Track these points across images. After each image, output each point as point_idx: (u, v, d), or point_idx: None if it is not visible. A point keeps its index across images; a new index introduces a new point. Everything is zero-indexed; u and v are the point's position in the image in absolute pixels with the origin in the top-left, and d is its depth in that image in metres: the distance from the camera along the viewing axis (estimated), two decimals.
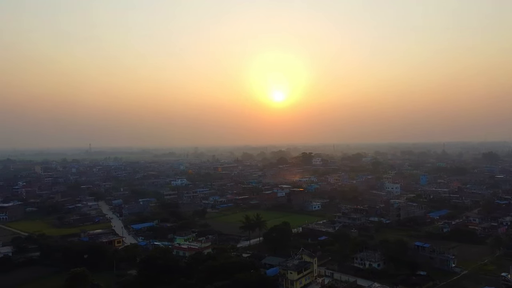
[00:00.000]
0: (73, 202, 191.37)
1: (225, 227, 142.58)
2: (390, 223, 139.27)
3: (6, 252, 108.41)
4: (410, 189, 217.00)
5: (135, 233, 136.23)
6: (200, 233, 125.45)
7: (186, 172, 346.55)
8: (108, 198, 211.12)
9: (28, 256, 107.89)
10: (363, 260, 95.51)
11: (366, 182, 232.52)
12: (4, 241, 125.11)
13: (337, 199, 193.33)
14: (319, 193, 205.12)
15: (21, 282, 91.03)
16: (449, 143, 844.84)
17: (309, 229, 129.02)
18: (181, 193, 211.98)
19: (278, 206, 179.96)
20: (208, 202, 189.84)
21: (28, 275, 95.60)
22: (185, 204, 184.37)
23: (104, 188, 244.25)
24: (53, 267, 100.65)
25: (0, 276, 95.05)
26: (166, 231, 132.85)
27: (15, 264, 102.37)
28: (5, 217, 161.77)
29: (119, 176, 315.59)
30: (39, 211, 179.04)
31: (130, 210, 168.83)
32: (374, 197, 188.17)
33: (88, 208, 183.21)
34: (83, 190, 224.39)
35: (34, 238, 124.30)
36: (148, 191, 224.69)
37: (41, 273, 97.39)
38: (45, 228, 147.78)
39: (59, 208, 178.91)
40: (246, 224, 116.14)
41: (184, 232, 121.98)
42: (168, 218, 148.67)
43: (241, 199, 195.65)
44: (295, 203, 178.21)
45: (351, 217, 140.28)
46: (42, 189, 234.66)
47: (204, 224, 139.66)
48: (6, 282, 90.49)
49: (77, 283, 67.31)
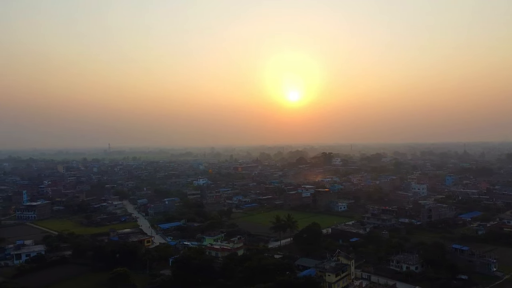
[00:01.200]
0: (98, 201, 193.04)
1: (252, 227, 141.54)
2: (421, 225, 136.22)
3: (39, 251, 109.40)
4: (436, 190, 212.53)
5: (163, 232, 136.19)
6: (228, 233, 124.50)
7: (206, 171, 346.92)
8: (132, 197, 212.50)
9: (60, 255, 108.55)
10: (400, 262, 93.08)
11: (390, 182, 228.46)
12: (35, 239, 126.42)
13: (362, 199, 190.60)
14: (343, 194, 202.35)
15: (55, 280, 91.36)
16: (469, 143, 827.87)
17: (339, 230, 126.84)
18: (204, 192, 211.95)
19: (302, 206, 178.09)
20: (232, 202, 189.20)
21: (61, 274, 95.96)
22: (210, 204, 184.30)
23: (127, 187, 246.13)
24: (85, 266, 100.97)
25: (35, 274, 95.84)
26: (194, 231, 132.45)
27: (49, 262, 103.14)
28: (34, 215, 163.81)
29: (140, 175, 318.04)
30: (66, 210, 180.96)
31: (155, 209, 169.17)
32: (401, 198, 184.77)
33: (113, 207, 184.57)
34: (107, 189, 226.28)
35: (65, 237, 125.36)
36: (171, 190, 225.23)
37: (74, 272, 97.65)
38: (74, 227, 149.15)
39: (85, 207, 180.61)
40: (277, 225, 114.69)
41: (213, 232, 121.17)
42: (195, 218, 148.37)
43: (264, 199, 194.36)
44: (320, 203, 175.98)
45: (380, 218, 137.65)
46: (66, 188, 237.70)
47: (231, 224, 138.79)
48: (41, 280, 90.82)
49: (118, 282, 66.89)
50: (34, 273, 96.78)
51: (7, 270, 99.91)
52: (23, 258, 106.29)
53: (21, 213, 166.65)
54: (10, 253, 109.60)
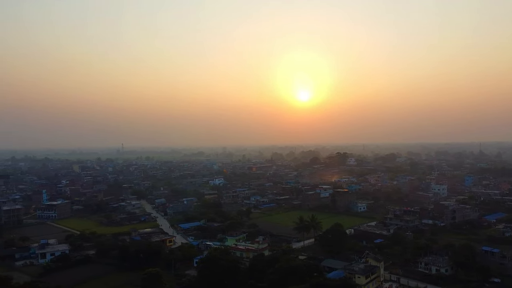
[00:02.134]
0: (116, 201, 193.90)
1: (272, 227, 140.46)
2: (445, 226, 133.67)
3: (63, 250, 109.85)
4: (456, 191, 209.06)
5: (183, 232, 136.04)
6: (250, 234, 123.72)
7: (221, 171, 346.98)
8: (150, 197, 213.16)
9: (84, 254, 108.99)
10: (429, 264, 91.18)
11: (409, 183, 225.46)
12: (58, 238, 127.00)
13: (381, 200, 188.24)
14: (361, 194, 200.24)
15: (82, 280, 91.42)
16: (484, 143, 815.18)
17: (362, 231, 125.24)
18: (221, 192, 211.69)
19: (321, 207, 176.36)
20: (250, 202, 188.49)
21: (87, 273, 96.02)
22: (227, 203, 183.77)
23: (143, 187, 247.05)
24: (110, 266, 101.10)
25: (60, 273, 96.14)
26: (215, 231, 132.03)
27: (73, 261, 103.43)
28: (54, 215, 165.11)
29: (155, 175, 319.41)
30: (85, 209, 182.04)
31: (174, 209, 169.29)
32: (421, 199, 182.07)
33: (131, 207, 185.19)
34: (125, 189, 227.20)
35: (87, 236, 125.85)
36: (187, 190, 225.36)
37: (100, 271, 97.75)
38: (94, 226, 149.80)
39: (104, 207, 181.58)
40: (300, 225, 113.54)
41: (235, 232, 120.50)
42: (215, 218, 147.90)
43: (282, 199, 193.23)
44: (339, 204, 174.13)
45: (403, 219, 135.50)
46: (84, 188, 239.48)
47: (252, 224, 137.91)
48: (68, 280, 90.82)
49: (151, 283, 66.53)
50: (60, 272, 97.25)
51: (32, 269, 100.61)
52: (47, 257, 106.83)
53: (41, 212, 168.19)
54: (35, 252, 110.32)
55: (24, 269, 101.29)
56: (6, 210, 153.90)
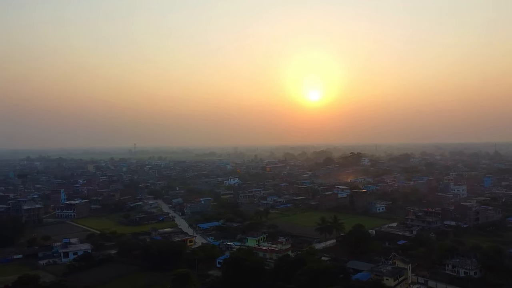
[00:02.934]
0: (133, 201, 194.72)
1: (291, 228, 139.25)
2: (468, 228, 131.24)
3: (86, 249, 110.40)
4: (476, 192, 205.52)
5: (202, 232, 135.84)
6: (270, 234, 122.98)
7: (234, 171, 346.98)
8: (166, 196, 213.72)
9: (106, 254, 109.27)
10: (456, 267, 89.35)
11: (427, 183, 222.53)
12: (77, 237, 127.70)
13: (399, 201, 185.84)
14: (379, 195, 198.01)
15: (106, 279, 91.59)
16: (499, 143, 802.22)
17: (384, 232, 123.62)
18: (236, 192, 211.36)
19: (339, 207, 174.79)
20: (266, 202, 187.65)
21: (110, 273, 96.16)
22: (244, 204, 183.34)
23: (159, 186, 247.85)
24: (132, 265, 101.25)
25: (84, 273, 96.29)
26: (234, 231, 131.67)
27: (96, 261, 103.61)
28: (73, 214, 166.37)
29: (170, 175, 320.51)
30: (103, 208, 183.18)
31: (192, 209, 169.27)
32: (441, 200, 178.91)
33: (149, 206, 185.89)
34: (141, 188, 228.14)
35: (108, 236, 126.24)
36: (203, 190, 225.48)
37: (123, 271, 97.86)
38: (113, 226, 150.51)
39: (121, 206, 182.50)
40: (322, 226, 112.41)
41: (256, 233, 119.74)
42: (233, 218, 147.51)
43: (299, 200, 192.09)
44: (358, 204, 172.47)
45: (425, 220, 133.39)
46: (101, 187, 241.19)
47: (271, 224, 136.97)
48: (92, 279, 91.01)
49: (181, 283, 66.21)
50: (83, 272, 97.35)
51: (56, 268, 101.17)
52: (70, 256, 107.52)
53: (61, 211, 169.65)
54: (58, 251, 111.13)
55: (48, 268, 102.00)
56: (27, 209, 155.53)
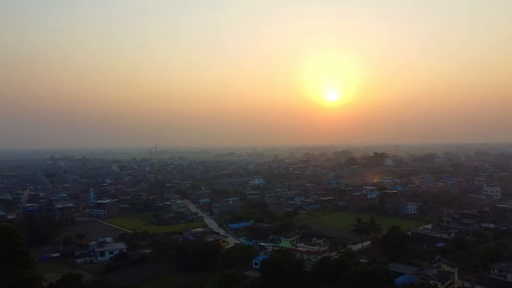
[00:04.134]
0: (161, 200, 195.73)
1: (322, 228, 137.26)
2: (508, 230, 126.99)
3: (121, 248, 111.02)
4: (510, 193, 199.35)
5: (233, 232, 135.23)
6: (303, 235, 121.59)
7: (256, 171, 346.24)
8: (192, 196, 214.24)
9: (140, 253, 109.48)
10: (503, 271, 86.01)
11: (457, 184, 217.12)
12: (109, 236, 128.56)
13: (430, 202, 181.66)
14: (408, 196, 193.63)
15: (144, 279, 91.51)
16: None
17: (420, 234, 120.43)
18: (262, 192, 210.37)
19: (368, 208, 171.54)
20: (294, 202, 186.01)
21: (146, 272, 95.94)
22: (272, 204, 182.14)
23: (184, 186, 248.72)
24: (168, 265, 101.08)
25: (121, 272, 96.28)
26: (265, 232, 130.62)
27: (132, 260, 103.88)
28: (104, 213, 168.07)
29: (194, 175, 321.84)
30: (132, 208, 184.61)
31: (220, 209, 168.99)
32: (474, 201, 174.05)
33: (176, 206, 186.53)
34: (168, 188, 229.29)
35: (141, 235, 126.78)
36: (228, 190, 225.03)
37: (160, 270, 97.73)
38: (143, 225, 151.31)
39: (150, 206, 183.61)
40: (359, 227, 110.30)
41: (289, 234, 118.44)
42: (263, 218, 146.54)
43: (326, 200, 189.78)
44: (388, 205, 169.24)
45: (462, 223, 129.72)
46: (128, 187, 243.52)
47: (303, 225, 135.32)
48: (131, 278, 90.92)
49: (230, 284, 65.49)
50: (120, 271, 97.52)
51: (93, 267, 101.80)
52: (106, 255, 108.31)
53: (91, 210, 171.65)
54: (93, 250, 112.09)
55: (85, 266, 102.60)
56: (60, 208, 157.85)
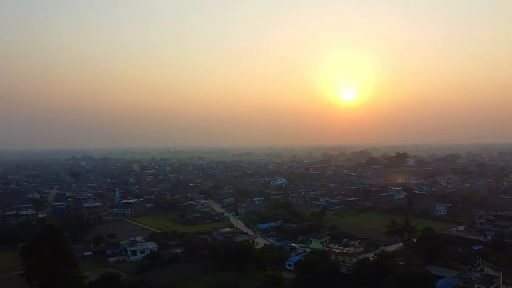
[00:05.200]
0: (185, 200, 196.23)
1: (352, 229, 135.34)
2: None
3: (152, 248, 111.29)
4: None
5: (261, 232, 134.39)
6: (333, 236, 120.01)
7: (276, 171, 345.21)
8: (216, 196, 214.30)
9: (172, 253, 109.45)
10: None
11: (486, 185, 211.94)
12: (137, 235, 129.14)
13: (459, 203, 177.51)
14: (437, 197, 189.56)
15: (179, 278, 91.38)
16: None
17: (454, 236, 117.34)
18: (286, 193, 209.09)
19: (395, 209, 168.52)
20: (319, 203, 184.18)
21: (179, 272, 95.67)
22: (297, 204, 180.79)
23: (206, 186, 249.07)
24: (200, 265, 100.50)
25: (154, 271, 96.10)
26: (294, 232, 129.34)
27: (163, 260, 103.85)
28: (130, 212, 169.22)
29: (215, 174, 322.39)
30: (157, 207, 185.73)
31: (246, 209, 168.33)
32: (506, 203, 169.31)
33: (201, 206, 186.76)
34: (191, 188, 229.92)
35: (170, 235, 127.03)
36: (251, 190, 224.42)
37: (191, 270, 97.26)
38: (170, 225, 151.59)
39: (175, 205, 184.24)
40: (393, 229, 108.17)
41: (320, 234, 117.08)
42: (291, 219, 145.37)
43: (352, 201, 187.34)
44: (416, 206, 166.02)
45: (497, 225, 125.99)
46: (151, 186, 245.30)
47: (332, 226, 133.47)
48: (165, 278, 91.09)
49: (273, 286, 64.74)
50: (153, 270, 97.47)
51: (126, 266, 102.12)
52: (138, 254, 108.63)
53: (118, 209, 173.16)
54: (125, 249, 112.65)
55: (118, 265, 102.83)
56: (88, 207, 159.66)
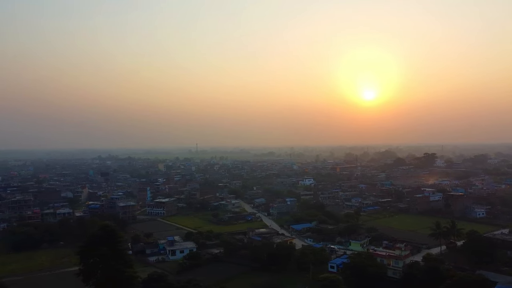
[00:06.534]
0: (215, 199, 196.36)
1: (389, 231, 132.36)
2: None
3: (191, 248, 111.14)
4: None
5: (297, 234, 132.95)
6: (373, 238, 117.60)
7: (301, 171, 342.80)
8: (245, 196, 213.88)
9: (212, 253, 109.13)
10: None
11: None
12: (171, 235, 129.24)
13: (498, 205, 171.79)
14: (474, 199, 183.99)
15: (223, 279, 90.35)
16: None
17: (499, 240, 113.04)
18: (316, 193, 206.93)
19: (432, 211, 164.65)
20: (351, 204, 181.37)
21: (220, 272, 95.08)
22: (328, 205, 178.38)
23: (234, 186, 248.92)
24: (240, 266, 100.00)
25: (195, 271, 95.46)
26: (331, 234, 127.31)
27: (203, 260, 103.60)
28: (163, 212, 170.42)
29: (241, 174, 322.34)
30: (188, 207, 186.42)
31: (278, 209, 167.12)
32: None
33: (232, 206, 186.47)
34: (220, 188, 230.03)
35: (206, 234, 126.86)
36: (280, 190, 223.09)
37: (232, 271, 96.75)
38: (203, 224, 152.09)
39: (206, 205, 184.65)
40: (437, 232, 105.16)
41: (360, 236, 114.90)
42: (326, 220, 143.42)
43: (385, 202, 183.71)
44: (454, 208, 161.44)
45: None
46: (180, 186, 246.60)
47: (370, 228, 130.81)
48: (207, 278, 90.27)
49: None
50: (194, 270, 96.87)
51: (166, 265, 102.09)
52: (177, 254, 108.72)
53: (151, 209, 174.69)
54: (164, 248, 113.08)
55: (158, 265, 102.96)
56: (122, 206, 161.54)
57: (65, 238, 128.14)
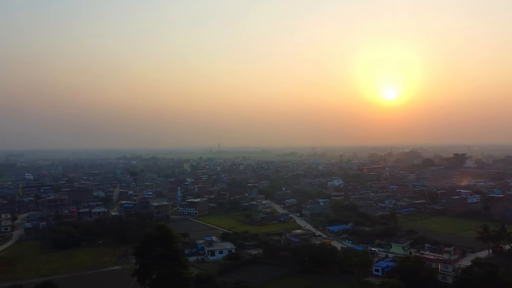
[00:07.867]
0: (245, 200, 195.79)
1: (429, 234, 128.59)
2: None
3: (230, 248, 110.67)
4: None
5: (334, 235, 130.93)
6: (414, 241, 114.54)
7: (327, 172, 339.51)
8: (275, 196, 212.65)
9: (251, 254, 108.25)
10: None
11: None
12: (210, 235, 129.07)
13: None
14: None
15: (266, 280, 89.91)
16: None
17: None
18: (347, 194, 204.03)
19: (470, 213, 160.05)
20: (385, 205, 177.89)
21: (261, 273, 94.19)
22: (361, 206, 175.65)
23: (263, 186, 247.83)
24: (280, 267, 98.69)
25: (236, 272, 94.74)
26: (368, 236, 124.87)
27: (243, 261, 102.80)
28: (195, 211, 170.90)
29: (267, 174, 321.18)
30: (219, 207, 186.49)
31: (310, 210, 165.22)
32: None
33: (262, 206, 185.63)
34: (249, 188, 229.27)
35: (242, 235, 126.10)
36: (310, 191, 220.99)
37: (272, 272, 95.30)
38: (236, 225, 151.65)
39: (237, 205, 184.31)
40: (485, 235, 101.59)
41: (401, 239, 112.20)
42: (362, 221, 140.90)
43: (420, 204, 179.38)
44: (494, 211, 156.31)
45: None
46: (208, 186, 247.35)
47: (409, 230, 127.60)
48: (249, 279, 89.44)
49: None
50: (234, 271, 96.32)
51: (206, 266, 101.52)
52: (216, 254, 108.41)
53: (183, 208, 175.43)
54: (202, 248, 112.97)
55: (198, 265, 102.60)
56: (156, 206, 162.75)
57: (103, 237, 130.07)
